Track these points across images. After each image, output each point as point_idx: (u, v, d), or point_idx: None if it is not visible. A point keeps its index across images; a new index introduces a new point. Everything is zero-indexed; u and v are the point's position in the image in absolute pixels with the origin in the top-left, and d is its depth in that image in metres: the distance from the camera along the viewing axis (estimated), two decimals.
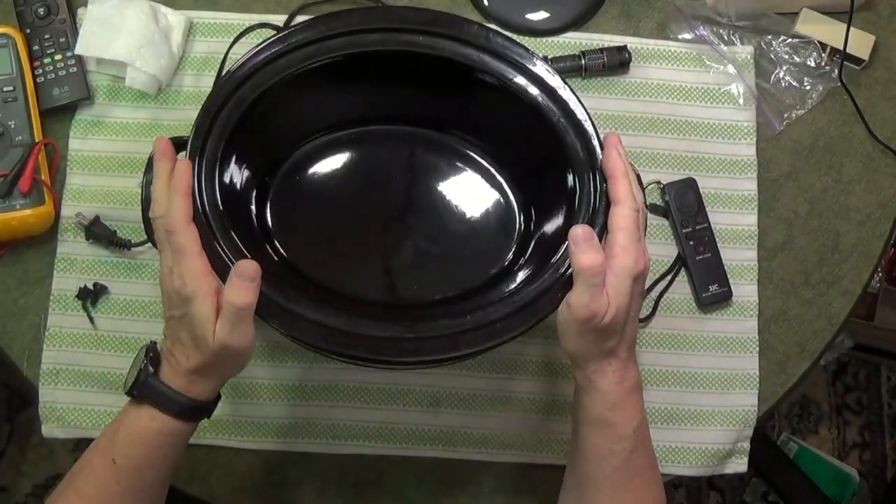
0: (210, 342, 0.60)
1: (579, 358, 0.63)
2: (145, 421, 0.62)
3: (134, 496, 0.63)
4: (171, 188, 0.63)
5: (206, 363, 0.61)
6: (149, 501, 0.65)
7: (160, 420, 0.62)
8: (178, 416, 0.63)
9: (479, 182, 0.77)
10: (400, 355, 0.64)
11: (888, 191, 0.91)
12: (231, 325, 0.59)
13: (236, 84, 0.68)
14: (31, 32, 0.87)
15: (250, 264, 0.60)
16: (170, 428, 0.63)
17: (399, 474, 0.84)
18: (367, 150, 0.77)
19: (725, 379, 0.86)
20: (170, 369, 0.63)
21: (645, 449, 0.65)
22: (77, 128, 0.87)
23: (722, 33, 0.92)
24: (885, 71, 0.93)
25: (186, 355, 0.62)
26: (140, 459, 0.63)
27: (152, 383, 0.62)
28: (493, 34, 0.71)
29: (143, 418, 0.63)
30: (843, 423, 1.68)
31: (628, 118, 0.90)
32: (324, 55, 0.70)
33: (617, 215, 0.63)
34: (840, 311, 0.88)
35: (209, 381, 0.63)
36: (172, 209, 0.61)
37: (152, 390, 0.62)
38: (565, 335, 0.63)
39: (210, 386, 0.63)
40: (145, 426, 0.62)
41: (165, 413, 0.62)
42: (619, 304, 0.60)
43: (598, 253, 0.61)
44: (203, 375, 0.62)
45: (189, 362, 0.62)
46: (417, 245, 0.75)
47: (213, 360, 0.61)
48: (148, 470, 0.63)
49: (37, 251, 0.85)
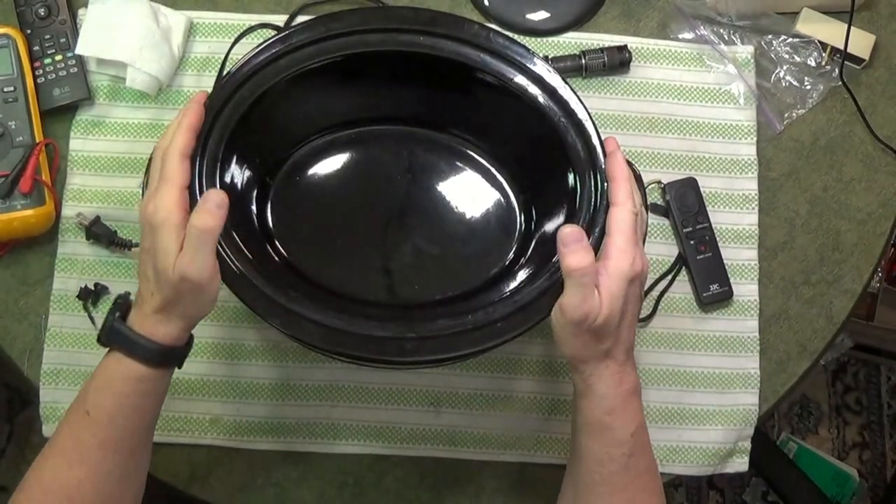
0: (170, 273, 0.59)
1: (576, 360, 0.63)
2: (113, 367, 0.63)
3: (110, 447, 0.63)
4: (178, 122, 0.64)
5: (167, 299, 0.61)
6: (126, 453, 0.64)
7: (126, 365, 0.62)
8: (145, 361, 0.62)
9: (480, 182, 0.77)
10: (401, 355, 0.64)
11: (889, 190, 0.91)
12: (192, 250, 0.59)
13: (237, 84, 0.68)
14: (31, 33, 0.87)
15: (219, 192, 0.61)
16: (138, 373, 0.62)
17: (399, 474, 0.84)
18: (368, 151, 0.77)
19: (726, 378, 0.86)
20: (137, 312, 0.63)
21: (643, 453, 0.65)
22: (77, 128, 0.87)
23: (722, 33, 0.92)
24: (886, 70, 0.93)
25: (151, 291, 0.62)
26: (111, 409, 0.62)
27: (118, 328, 0.63)
28: (494, 34, 0.71)
29: (111, 365, 0.63)
30: (842, 423, 1.68)
31: (629, 118, 0.90)
32: (324, 56, 0.70)
33: (615, 217, 0.63)
34: (840, 310, 0.88)
35: (172, 321, 0.62)
36: (173, 140, 0.63)
37: (118, 334, 0.62)
38: (560, 339, 0.63)
39: (174, 328, 0.63)
40: (113, 372, 0.62)
41: (131, 358, 0.62)
42: (613, 305, 0.60)
43: (587, 253, 0.60)
44: (166, 314, 0.62)
45: (153, 300, 0.62)
46: (418, 245, 0.75)
47: (173, 294, 0.61)
48: (121, 419, 0.63)
49: (37, 251, 0.85)
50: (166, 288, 0.60)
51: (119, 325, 0.63)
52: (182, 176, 0.62)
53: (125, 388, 0.62)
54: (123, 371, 0.62)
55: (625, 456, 0.63)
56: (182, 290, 0.60)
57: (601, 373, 0.62)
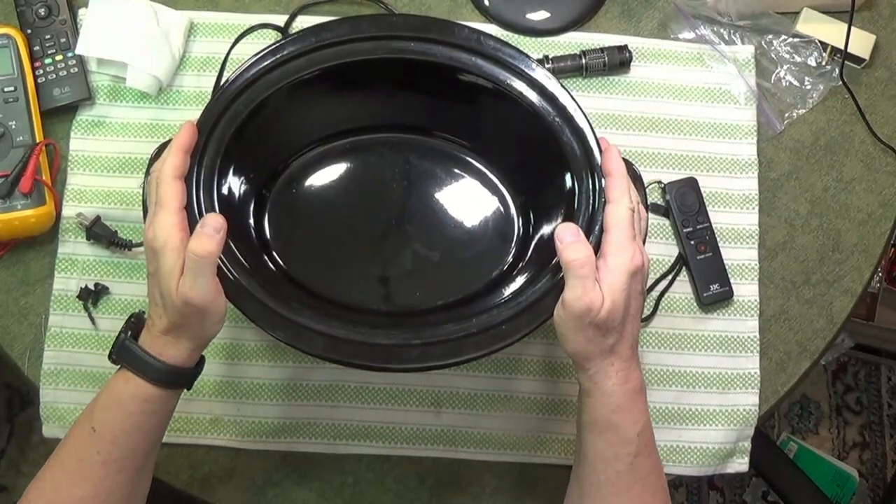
0: (174, 297, 0.60)
1: (581, 357, 0.63)
2: (121, 385, 0.63)
3: (113, 465, 0.63)
4: (171, 145, 0.65)
5: (174, 322, 0.62)
6: (129, 473, 0.64)
7: (135, 384, 0.63)
8: (154, 381, 0.63)
9: (477, 186, 0.77)
10: (407, 361, 0.64)
11: (889, 190, 0.91)
12: (192, 276, 0.60)
13: (230, 98, 0.69)
14: (31, 33, 0.87)
15: (216, 217, 0.62)
16: (145, 393, 0.63)
17: (399, 474, 0.84)
18: (363, 159, 0.77)
19: (726, 378, 0.86)
20: (147, 333, 0.64)
21: (649, 453, 0.65)
22: (78, 128, 0.87)
23: (723, 33, 0.92)
24: (886, 70, 0.93)
25: (159, 314, 0.62)
26: (116, 426, 0.63)
27: (129, 346, 0.63)
28: (485, 37, 0.71)
29: (119, 383, 0.63)
30: (843, 422, 1.68)
31: (629, 118, 0.90)
32: (316, 66, 0.70)
33: (611, 213, 0.64)
34: (841, 310, 0.88)
35: (181, 343, 0.63)
36: (165, 163, 0.63)
37: (128, 353, 0.63)
38: (564, 336, 0.63)
39: (183, 349, 0.63)
40: (121, 390, 0.63)
41: (140, 377, 0.62)
42: (615, 298, 0.61)
43: (585, 247, 0.62)
44: (175, 336, 0.63)
45: (161, 322, 0.62)
46: (417, 252, 0.75)
47: (179, 318, 0.61)
48: (124, 438, 0.63)
49: (38, 251, 0.85)
50: (172, 312, 0.61)
51: (130, 344, 0.63)
52: (177, 198, 0.62)
53: (132, 407, 0.63)
54: (131, 390, 0.63)
55: (631, 455, 0.63)
56: (187, 313, 0.61)
57: (607, 370, 0.62)
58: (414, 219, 0.76)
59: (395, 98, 0.75)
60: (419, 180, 0.77)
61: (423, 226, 0.76)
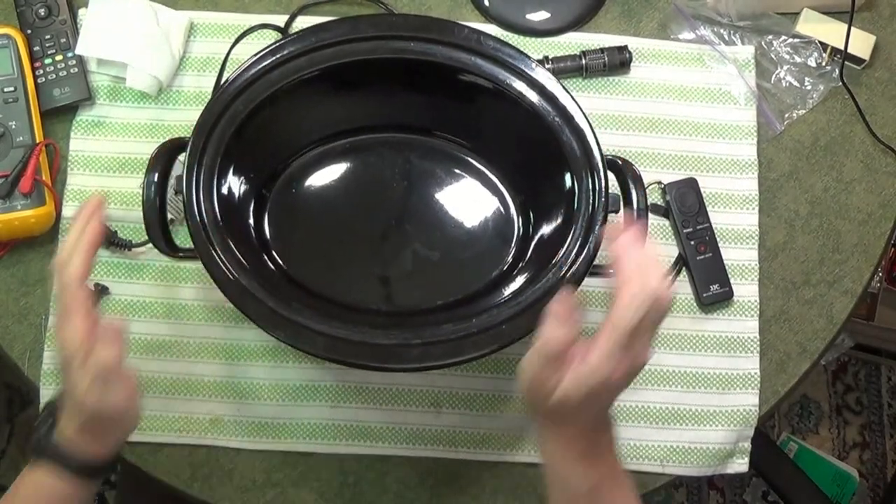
0: (85, 407, 0.59)
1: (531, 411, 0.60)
2: (39, 477, 0.62)
3: None
4: (77, 243, 0.61)
5: (85, 425, 0.61)
6: None
7: (52, 475, 0.62)
8: (71, 473, 0.62)
9: (476, 186, 0.77)
10: (407, 361, 0.64)
11: (889, 190, 0.91)
12: (100, 386, 0.59)
13: (230, 98, 0.69)
14: (31, 33, 0.87)
15: (114, 320, 0.60)
16: (62, 485, 0.62)
17: (399, 474, 0.84)
18: (363, 159, 0.77)
19: (726, 379, 0.86)
20: (65, 424, 0.62)
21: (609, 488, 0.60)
22: (78, 128, 0.87)
23: (723, 33, 0.92)
24: (886, 71, 0.93)
25: (74, 412, 0.61)
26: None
27: (46, 441, 0.62)
28: (484, 36, 0.71)
29: (38, 474, 0.62)
30: (843, 422, 1.68)
31: (629, 118, 0.90)
32: (315, 66, 0.70)
33: (614, 311, 0.54)
34: (841, 310, 0.88)
35: (97, 440, 0.62)
36: (70, 265, 0.60)
37: (46, 447, 0.62)
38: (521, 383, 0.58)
39: (98, 447, 0.63)
40: (38, 481, 0.62)
41: (57, 468, 0.61)
42: (569, 395, 0.54)
43: (561, 329, 0.54)
44: (91, 434, 0.62)
45: (75, 420, 0.61)
46: (417, 252, 0.75)
47: (90, 423, 0.61)
48: None
49: (38, 252, 0.85)
50: (83, 417, 0.61)
51: (47, 440, 0.62)
52: (81, 306, 0.60)
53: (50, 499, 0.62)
54: (48, 481, 0.62)
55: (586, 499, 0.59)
56: (99, 419, 0.61)
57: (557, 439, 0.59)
58: (414, 219, 0.76)
59: (395, 98, 0.75)
60: (419, 180, 0.77)
61: (423, 226, 0.76)
